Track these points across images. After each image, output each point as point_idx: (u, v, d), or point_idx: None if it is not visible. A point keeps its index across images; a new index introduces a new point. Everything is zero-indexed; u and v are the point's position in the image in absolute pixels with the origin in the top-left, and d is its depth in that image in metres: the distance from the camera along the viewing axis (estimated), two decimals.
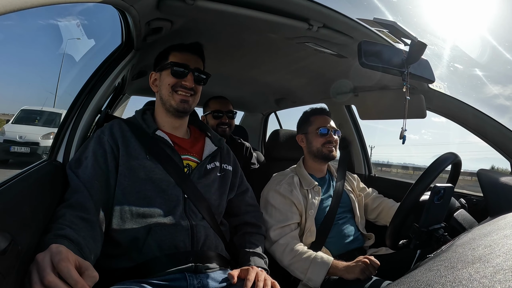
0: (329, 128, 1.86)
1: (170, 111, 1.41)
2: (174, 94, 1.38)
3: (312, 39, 1.56)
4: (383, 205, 1.94)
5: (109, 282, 1.07)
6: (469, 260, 0.49)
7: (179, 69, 1.38)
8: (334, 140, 1.86)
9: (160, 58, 1.47)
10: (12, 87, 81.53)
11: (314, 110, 1.97)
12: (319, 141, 1.85)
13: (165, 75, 1.40)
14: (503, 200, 1.35)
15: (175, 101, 1.38)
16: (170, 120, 1.44)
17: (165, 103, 1.40)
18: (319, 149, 1.86)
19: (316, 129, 1.88)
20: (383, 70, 1.27)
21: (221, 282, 1.20)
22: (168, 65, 1.39)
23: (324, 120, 1.90)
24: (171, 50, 1.44)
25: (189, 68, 1.39)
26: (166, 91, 1.39)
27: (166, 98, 1.39)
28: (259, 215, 1.63)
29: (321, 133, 1.85)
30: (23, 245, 0.76)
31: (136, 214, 1.23)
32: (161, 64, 1.43)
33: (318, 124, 1.88)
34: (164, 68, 1.40)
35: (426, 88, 1.75)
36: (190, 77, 1.38)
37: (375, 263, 1.41)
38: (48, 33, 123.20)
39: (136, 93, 3.14)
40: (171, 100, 1.38)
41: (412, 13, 2.16)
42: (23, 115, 10.85)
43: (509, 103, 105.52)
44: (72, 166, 1.22)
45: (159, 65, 1.45)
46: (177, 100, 1.38)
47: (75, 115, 1.43)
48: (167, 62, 1.41)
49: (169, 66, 1.38)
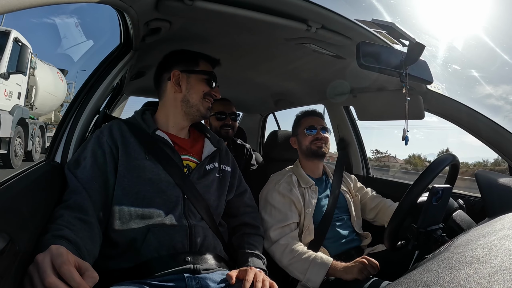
0: (317, 127, 1.93)
1: (191, 114, 1.44)
2: (203, 101, 1.44)
3: (310, 40, 1.56)
4: (381, 205, 1.95)
5: (107, 283, 1.07)
6: (467, 261, 0.49)
7: (214, 80, 1.46)
8: (322, 137, 1.91)
9: (187, 60, 1.47)
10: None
11: (304, 112, 2.05)
12: (308, 139, 1.92)
13: (198, 80, 1.44)
14: (501, 201, 1.35)
15: (204, 107, 1.44)
16: (183, 122, 1.46)
17: (192, 106, 1.43)
18: (308, 147, 1.91)
19: (304, 129, 1.94)
20: (381, 71, 1.27)
21: (220, 283, 1.20)
22: (205, 73, 1.46)
23: (313, 120, 1.97)
24: (200, 58, 1.49)
25: (217, 80, 1.47)
26: (198, 96, 1.43)
27: (196, 102, 1.43)
28: (258, 216, 1.63)
29: (308, 132, 1.92)
30: (21, 246, 0.76)
31: (135, 214, 1.23)
32: (191, 68, 1.45)
33: (306, 124, 1.96)
34: (196, 73, 1.45)
35: (424, 89, 1.75)
36: (218, 89, 1.48)
37: (374, 263, 1.41)
38: (46, 33, 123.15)
39: (135, 93, 3.13)
40: (200, 106, 1.43)
41: (410, 15, 2.18)
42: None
43: (500, 103, 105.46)
44: (70, 166, 1.22)
45: (186, 67, 1.45)
46: (206, 107, 1.45)
47: (73, 115, 1.42)
48: (200, 70, 1.46)
49: (206, 74, 1.45)
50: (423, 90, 1.76)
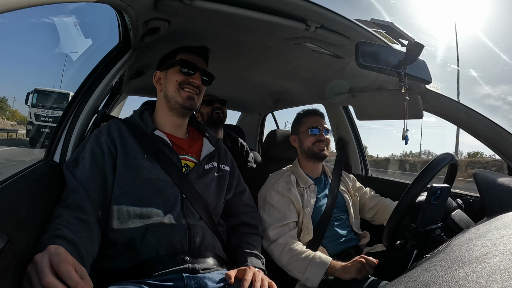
0: (319, 128, 1.91)
1: (174, 109, 1.42)
2: (181, 91, 1.40)
3: (309, 39, 1.56)
4: (380, 204, 1.95)
5: (106, 283, 1.07)
6: (466, 260, 0.49)
7: (189, 67, 1.41)
8: (325, 139, 1.90)
9: (166, 58, 1.50)
10: (7, 85, 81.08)
11: (306, 111, 2.03)
12: (310, 140, 1.90)
13: (173, 72, 1.42)
14: (499, 200, 1.35)
15: (181, 97, 1.40)
16: (173, 119, 1.45)
17: (171, 100, 1.41)
18: (310, 148, 1.90)
19: (307, 129, 1.92)
20: (380, 71, 1.27)
21: (218, 283, 1.20)
22: (177, 62, 1.42)
23: (315, 120, 1.95)
24: (179, 51, 1.47)
25: (197, 67, 1.42)
26: (173, 88, 1.40)
27: (173, 95, 1.41)
28: (256, 216, 1.63)
29: (311, 132, 1.90)
30: (19, 245, 0.76)
31: (133, 214, 1.23)
32: (168, 63, 1.45)
33: (309, 124, 1.93)
34: (172, 66, 1.43)
35: (423, 89, 1.75)
36: (198, 76, 1.42)
37: (372, 262, 1.41)
38: (44, 32, 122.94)
39: (133, 93, 3.12)
40: (177, 97, 1.40)
41: (409, 14, 2.18)
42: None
43: (499, 103, 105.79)
44: (69, 166, 1.21)
45: (165, 64, 1.47)
46: (184, 96, 1.40)
47: (72, 115, 1.42)
48: (175, 60, 1.43)
49: (178, 64, 1.41)
50: (422, 90, 1.76)
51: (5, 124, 30.32)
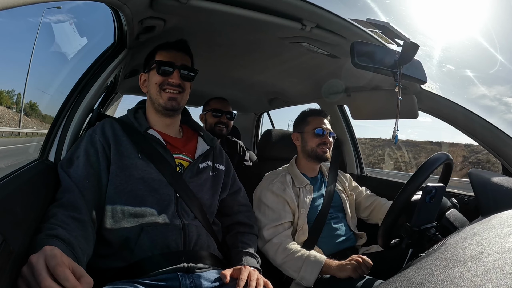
0: (325, 130, 1.88)
1: (159, 110, 1.41)
2: (162, 92, 1.38)
3: (305, 39, 1.56)
4: (375, 203, 1.96)
5: (101, 283, 1.06)
6: (461, 259, 0.49)
7: (165, 67, 1.38)
8: (329, 142, 1.88)
9: (148, 59, 1.48)
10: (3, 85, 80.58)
11: (312, 110, 2.00)
12: (314, 141, 1.87)
13: (152, 74, 1.40)
14: (494, 199, 1.37)
15: (163, 99, 1.38)
16: (161, 119, 1.44)
17: (154, 102, 1.40)
18: (313, 149, 1.87)
19: (312, 129, 1.89)
20: (375, 71, 1.27)
21: (214, 282, 1.20)
22: (154, 64, 1.40)
23: (321, 121, 1.92)
24: (158, 50, 1.44)
25: (174, 65, 1.39)
26: (154, 90, 1.39)
27: (155, 97, 1.40)
28: (252, 215, 1.63)
29: (317, 133, 1.87)
30: (14, 245, 0.75)
31: (128, 213, 1.22)
32: (149, 64, 1.44)
33: (314, 125, 1.90)
34: (151, 68, 1.41)
35: (418, 89, 1.76)
36: (176, 74, 1.38)
37: (368, 262, 1.42)
38: (39, 31, 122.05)
39: (129, 92, 3.12)
40: (159, 99, 1.39)
41: (405, 14, 2.18)
42: None
43: (495, 104, 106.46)
44: (63, 165, 1.21)
45: (147, 66, 1.46)
46: (165, 98, 1.38)
47: (67, 114, 1.41)
48: (153, 61, 1.41)
49: (155, 66, 1.39)
50: (417, 90, 1.76)
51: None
